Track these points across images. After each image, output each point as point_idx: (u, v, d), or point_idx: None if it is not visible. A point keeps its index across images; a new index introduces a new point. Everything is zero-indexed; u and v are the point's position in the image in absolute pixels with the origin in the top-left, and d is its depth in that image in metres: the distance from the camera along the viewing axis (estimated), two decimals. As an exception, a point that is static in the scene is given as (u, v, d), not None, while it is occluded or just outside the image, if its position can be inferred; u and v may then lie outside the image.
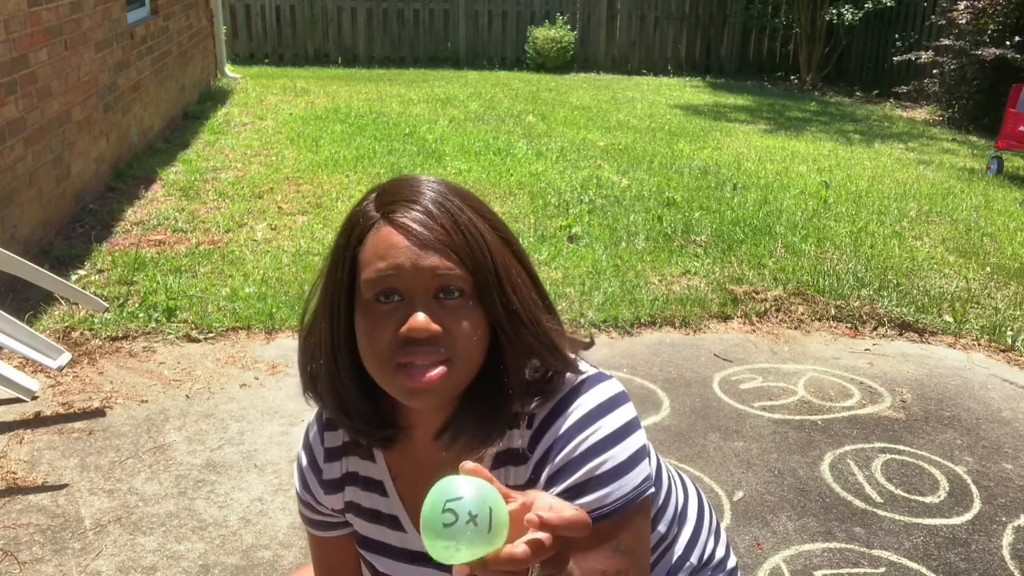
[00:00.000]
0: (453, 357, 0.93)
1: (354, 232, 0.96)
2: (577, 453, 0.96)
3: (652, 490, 0.99)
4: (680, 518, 1.19)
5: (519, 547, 0.69)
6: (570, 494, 0.95)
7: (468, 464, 0.73)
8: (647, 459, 0.99)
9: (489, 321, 0.95)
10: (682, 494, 1.22)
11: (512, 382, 0.98)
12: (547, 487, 0.97)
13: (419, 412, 1.02)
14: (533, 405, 0.99)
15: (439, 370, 0.92)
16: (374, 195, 0.98)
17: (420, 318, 0.91)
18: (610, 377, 1.04)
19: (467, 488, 0.71)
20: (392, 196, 0.96)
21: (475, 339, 0.94)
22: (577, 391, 0.99)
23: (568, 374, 1.01)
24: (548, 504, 0.70)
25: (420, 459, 1.06)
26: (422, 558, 1.10)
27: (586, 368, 1.03)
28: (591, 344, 1.08)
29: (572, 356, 1.00)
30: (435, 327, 0.91)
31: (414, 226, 0.92)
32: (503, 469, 1.03)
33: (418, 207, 0.93)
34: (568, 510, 0.70)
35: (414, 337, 0.91)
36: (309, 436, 1.15)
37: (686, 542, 1.20)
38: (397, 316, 0.92)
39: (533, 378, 0.99)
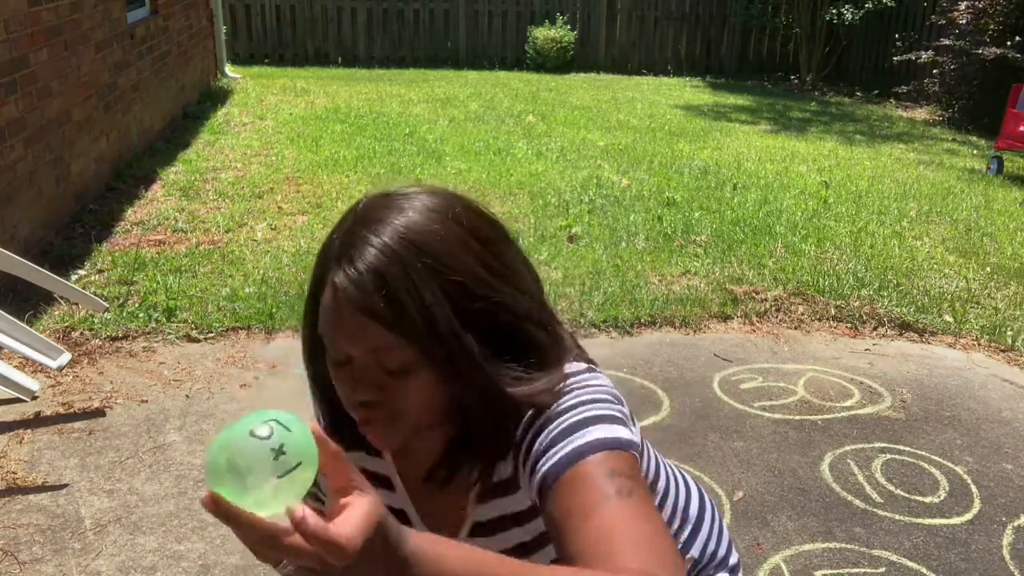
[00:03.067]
0: (400, 416, 0.93)
1: (319, 268, 0.93)
2: (551, 415, 0.94)
3: (637, 452, 0.94)
4: (681, 516, 1.19)
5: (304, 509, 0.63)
6: (546, 450, 0.92)
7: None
8: (628, 427, 0.94)
9: (441, 378, 0.92)
10: (683, 491, 1.22)
11: (475, 431, 0.96)
12: (524, 463, 0.95)
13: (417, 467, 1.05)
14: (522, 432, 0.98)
15: (385, 431, 0.93)
16: (346, 225, 0.92)
17: (357, 390, 0.91)
18: (601, 374, 1.02)
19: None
20: (348, 242, 0.90)
21: (421, 400, 0.92)
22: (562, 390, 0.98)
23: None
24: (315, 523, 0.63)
25: (421, 461, 1.07)
26: None
27: (578, 365, 1.01)
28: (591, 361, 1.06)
29: (542, 397, 0.95)
30: (375, 396, 0.91)
31: (344, 301, 0.87)
32: (495, 502, 1.03)
33: (353, 271, 0.87)
34: (336, 528, 0.64)
35: (357, 400, 0.92)
36: None
37: (686, 538, 1.20)
38: (347, 372, 0.92)
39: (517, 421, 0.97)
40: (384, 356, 0.89)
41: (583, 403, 0.94)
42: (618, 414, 0.95)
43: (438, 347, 0.88)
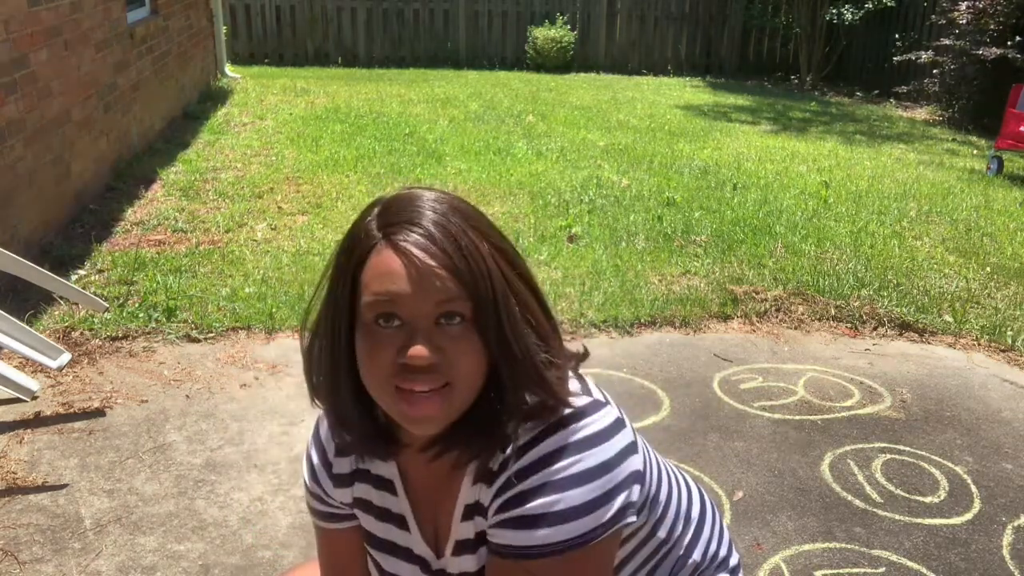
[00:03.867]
0: (453, 381, 0.93)
1: (355, 251, 0.95)
2: (526, 489, 0.95)
3: (611, 532, 0.97)
4: (684, 520, 1.19)
5: None
6: (509, 525, 0.96)
7: None
8: (616, 499, 0.97)
9: (487, 345, 0.95)
10: (685, 495, 1.22)
11: (508, 403, 0.97)
12: (494, 513, 0.98)
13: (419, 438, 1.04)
14: (521, 439, 0.98)
15: (437, 400, 0.92)
16: (376, 211, 0.96)
17: (421, 349, 0.90)
18: (605, 405, 1.02)
19: None
20: (394, 216, 0.94)
21: (475, 364, 0.94)
22: (559, 425, 0.98)
23: (561, 406, 1.00)
24: None
25: (424, 465, 1.07)
26: (421, 561, 1.11)
27: (581, 399, 1.01)
28: (586, 355, 1.07)
29: (563, 390, 0.99)
30: (435, 357, 0.91)
31: (415, 251, 0.91)
32: (475, 519, 1.03)
33: (420, 229, 0.92)
34: None
35: (413, 365, 0.91)
36: (320, 430, 1.16)
37: (688, 542, 1.20)
38: (397, 341, 0.92)
39: (530, 405, 0.98)
40: (447, 309, 0.91)
41: (575, 478, 0.95)
42: (616, 481, 0.97)
43: (492, 303, 0.92)
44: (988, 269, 4.34)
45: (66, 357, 2.83)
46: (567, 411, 0.99)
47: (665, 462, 1.21)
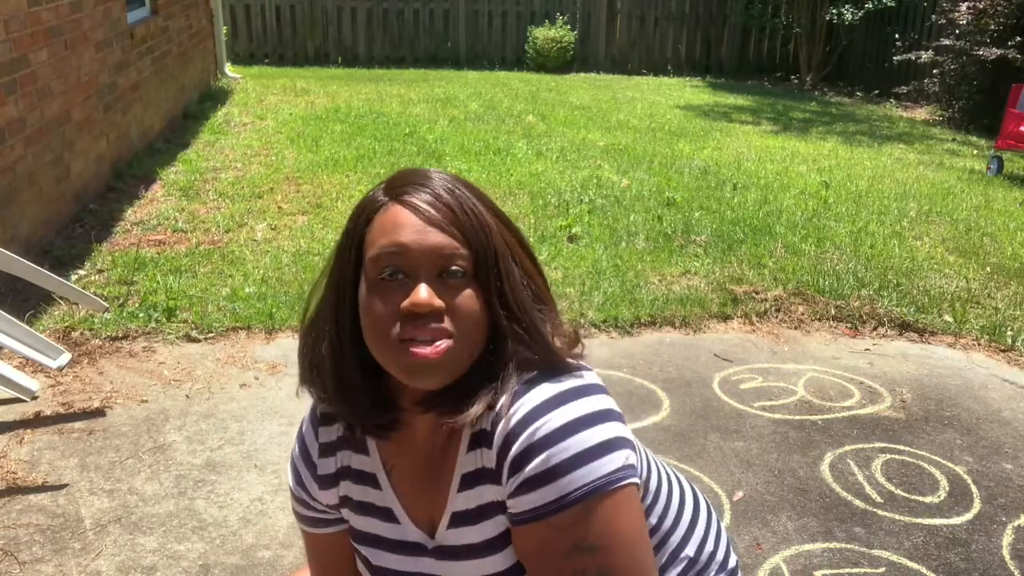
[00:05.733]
0: (456, 333, 0.95)
1: (362, 215, 1.00)
2: (533, 441, 0.94)
3: (629, 481, 0.96)
4: (675, 511, 1.20)
5: None
6: (528, 486, 0.95)
7: None
8: (622, 450, 0.96)
9: (487, 302, 0.98)
10: (676, 490, 1.22)
11: (506, 359, 0.99)
12: (509, 477, 0.97)
13: (419, 395, 1.03)
14: (503, 397, 0.98)
15: (442, 343, 0.94)
16: (383, 184, 1.03)
17: (423, 292, 0.94)
18: (589, 369, 1.04)
19: None
20: (401, 181, 1.01)
21: (476, 316, 0.97)
22: (542, 379, 0.99)
23: (557, 363, 1.02)
24: None
25: (416, 450, 1.07)
26: (416, 548, 1.10)
27: (574, 359, 1.05)
28: (578, 339, 1.08)
29: (559, 347, 1.02)
30: (438, 302, 0.94)
31: (422, 205, 0.97)
32: (477, 489, 1.02)
33: (426, 189, 0.98)
34: None
35: (417, 312, 0.93)
36: (303, 432, 1.16)
37: (682, 535, 1.20)
38: (401, 293, 0.95)
39: (527, 359, 1.00)
40: (450, 262, 0.95)
41: (578, 422, 0.96)
42: (614, 433, 0.97)
43: (493, 259, 0.97)
44: (988, 269, 4.34)
45: (66, 357, 2.83)
46: (552, 370, 1.01)
47: (656, 459, 1.22)
